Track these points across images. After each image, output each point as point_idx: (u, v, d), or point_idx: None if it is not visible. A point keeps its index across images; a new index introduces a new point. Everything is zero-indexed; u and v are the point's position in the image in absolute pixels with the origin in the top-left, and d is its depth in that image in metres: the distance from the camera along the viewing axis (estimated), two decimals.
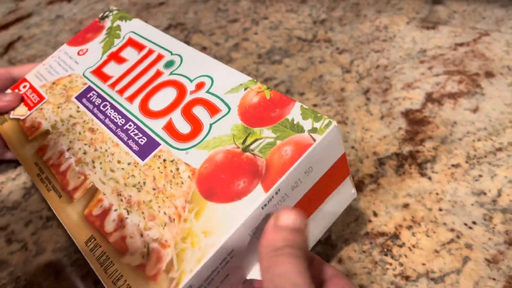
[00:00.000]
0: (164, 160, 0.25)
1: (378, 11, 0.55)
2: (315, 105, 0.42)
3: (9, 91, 0.35)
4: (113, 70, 0.32)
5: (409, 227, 0.31)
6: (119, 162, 0.26)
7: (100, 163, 0.27)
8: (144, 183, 0.25)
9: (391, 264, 0.29)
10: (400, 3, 0.56)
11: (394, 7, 0.55)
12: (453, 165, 0.35)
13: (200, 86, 0.28)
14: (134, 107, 0.29)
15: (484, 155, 0.35)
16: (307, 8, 0.58)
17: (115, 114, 0.29)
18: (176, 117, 0.27)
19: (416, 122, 0.39)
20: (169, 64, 0.30)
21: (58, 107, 0.32)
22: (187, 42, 0.55)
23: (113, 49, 0.34)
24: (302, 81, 0.46)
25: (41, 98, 0.33)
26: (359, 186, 0.34)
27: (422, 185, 0.34)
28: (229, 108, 0.26)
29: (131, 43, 0.34)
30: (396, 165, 0.35)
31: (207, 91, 0.27)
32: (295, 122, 0.24)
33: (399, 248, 0.30)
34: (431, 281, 0.28)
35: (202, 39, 0.55)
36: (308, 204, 0.24)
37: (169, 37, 0.33)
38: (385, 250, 0.30)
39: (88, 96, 0.31)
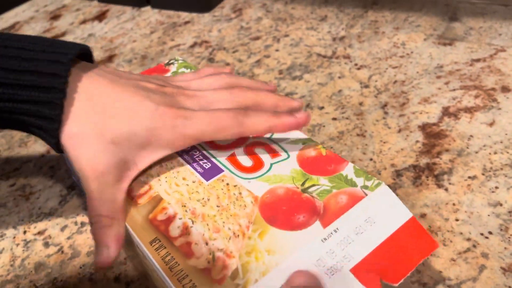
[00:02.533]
0: (227, 184, 0.28)
1: (396, 28, 0.57)
2: (334, 119, 0.44)
3: None
4: None
5: None
6: (184, 179, 0.29)
7: (166, 177, 0.29)
8: (208, 199, 0.27)
9: None
10: (418, 20, 0.58)
11: (412, 24, 0.57)
12: (469, 177, 0.36)
13: None
14: None
15: (500, 168, 0.36)
16: (326, 25, 0.60)
17: None
18: (239, 152, 0.30)
19: (433, 135, 0.40)
20: None
21: None
22: (212, 59, 0.57)
23: None
24: (322, 96, 0.47)
25: None
26: None
27: (438, 196, 0.35)
28: (288, 155, 0.29)
29: None
30: (413, 177, 0.37)
31: (269, 138, 0.31)
32: (348, 178, 0.27)
33: None
34: None
35: (226, 56, 0.58)
36: (390, 266, 0.24)
37: None
38: None
39: None
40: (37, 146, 0.49)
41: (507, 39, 0.50)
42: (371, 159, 0.39)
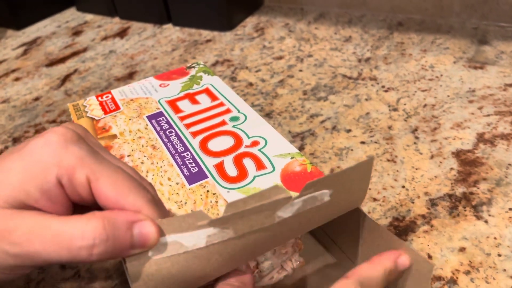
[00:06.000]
0: (208, 191, 0.28)
1: (423, 50, 0.55)
2: (362, 143, 0.42)
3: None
4: (186, 106, 0.37)
5: (467, 272, 0.30)
6: (169, 179, 0.29)
7: (153, 175, 0.30)
8: (185, 203, 0.27)
9: None
10: (446, 42, 0.56)
11: (440, 47, 0.55)
12: (510, 209, 0.34)
13: (255, 143, 0.32)
14: (195, 142, 0.32)
15: None
16: (351, 46, 0.59)
17: (177, 141, 0.32)
18: (228, 161, 0.30)
19: (468, 163, 0.38)
20: (234, 119, 0.35)
21: (130, 119, 0.35)
22: (234, 78, 0.57)
23: (191, 91, 0.39)
24: (349, 118, 0.46)
25: (117, 107, 0.37)
26: (411, 226, 0.34)
27: (478, 228, 0.33)
28: (274, 169, 0.30)
29: (207, 92, 0.39)
30: (449, 207, 0.35)
31: (259, 150, 0.31)
32: None
33: None
34: None
35: (249, 75, 0.57)
36: None
37: (239, 98, 0.37)
38: None
39: (158, 119, 0.35)
40: None
41: None
42: (403, 187, 0.37)
